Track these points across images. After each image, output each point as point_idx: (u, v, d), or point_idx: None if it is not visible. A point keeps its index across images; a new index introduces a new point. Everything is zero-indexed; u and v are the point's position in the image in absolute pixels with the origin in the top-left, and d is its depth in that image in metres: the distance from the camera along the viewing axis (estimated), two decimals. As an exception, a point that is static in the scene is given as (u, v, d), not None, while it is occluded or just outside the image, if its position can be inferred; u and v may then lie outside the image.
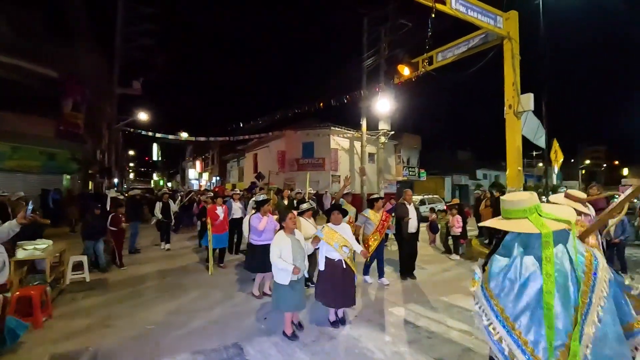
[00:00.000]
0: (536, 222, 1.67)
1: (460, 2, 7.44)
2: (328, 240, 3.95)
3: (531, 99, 8.43)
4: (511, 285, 1.61)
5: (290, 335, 3.83)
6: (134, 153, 54.41)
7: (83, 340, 3.78)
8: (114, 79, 18.41)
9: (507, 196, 1.86)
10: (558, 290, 1.53)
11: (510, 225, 1.74)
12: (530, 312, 1.55)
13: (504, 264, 1.68)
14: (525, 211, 1.73)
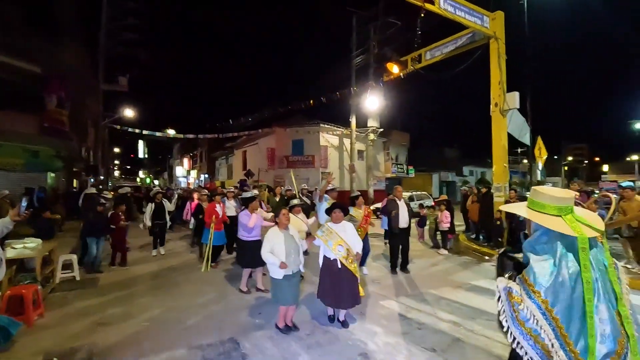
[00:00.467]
0: (571, 224, 1.61)
1: (448, 1, 7.59)
2: (324, 239, 3.95)
3: (517, 98, 8.68)
4: (560, 287, 1.54)
5: (283, 328, 3.92)
6: (120, 150, 53.35)
7: (77, 338, 3.78)
8: (99, 74, 18.08)
9: (545, 189, 1.79)
10: (598, 298, 1.52)
11: (544, 220, 1.65)
12: (579, 321, 1.51)
13: (548, 264, 1.58)
14: (561, 209, 1.66)
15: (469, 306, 4.73)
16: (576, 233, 1.57)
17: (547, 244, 1.64)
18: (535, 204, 1.74)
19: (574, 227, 1.60)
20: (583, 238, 1.56)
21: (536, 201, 1.74)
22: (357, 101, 19.58)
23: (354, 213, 6.15)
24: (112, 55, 18.33)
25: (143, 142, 43.14)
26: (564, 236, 1.61)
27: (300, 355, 3.39)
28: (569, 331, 1.51)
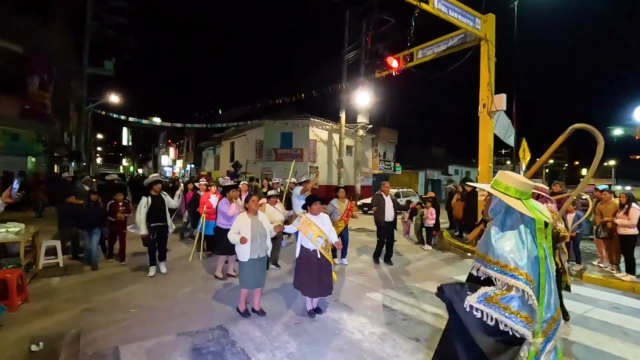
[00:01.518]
0: (529, 207, 1.83)
1: (442, 2, 7.70)
2: (303, 231, 4.06)
3: (504, 100, 8.90)
4: (534, 258, 1.77)
5: (243, 312, 4.09)
6: (103, 137, 52.06)
7: (63, 323, 3.76)
8: (84, 58, 17.55)
9: (512, 173, 1.98)
10: (548, 271, 1.78)
11: (508, 200, 1.85)
12: (536, 291, 1.75)
13: (516, 238, 1.81)
14: (522, 193, 1.87)
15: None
16: (534, 215, 1.79)
17: (515, 225, 1.86)
18: (500, 185, 1.93)
19: (532, 210, 1.82)
20: (540, 220, 1.79)
21: (501, 182, 1.92)
22: (348, 96, 19.64)
23: (337, 205, 6.47)
24: (98, 39, 17.78)
25: (127, 129, 42.06)
26: (524, 219, 1.83)
27: (288, 343, 3.46)
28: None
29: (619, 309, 4.75)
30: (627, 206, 5.83)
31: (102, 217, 6.13)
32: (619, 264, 6.21)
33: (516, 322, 1.73)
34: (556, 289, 1.86)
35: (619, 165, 49.24)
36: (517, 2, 11.08)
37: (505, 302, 1.75)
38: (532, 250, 1.79)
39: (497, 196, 1.91)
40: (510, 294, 1.75)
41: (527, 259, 1.76)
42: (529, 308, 1.74)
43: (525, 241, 1.80)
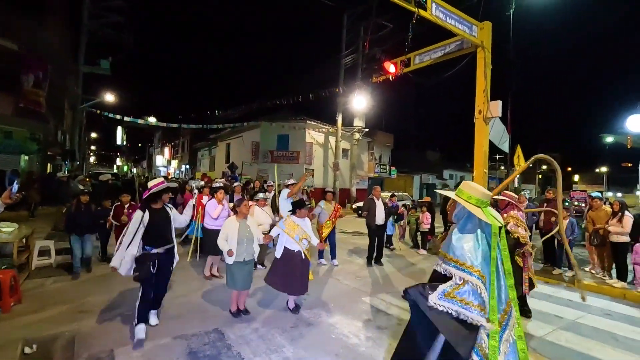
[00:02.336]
0: (487, 214, 2.10)
1: (440, 9, 7.78)
2: (289, 232, 4.20)
3: (499, 106, 8.99)
4: (485, 259, 2.06)
5: (234, 312, 4.16)
6: (97, 135, 51.55)
7: (57, 325, 3.72)
8: (80, 56, 17.43)
9: (474, 184, 2.25)
10: (498, 270, 2.06)
11: (470, 207, 2.12)
12: (488, 286, 2.03)
13: (473, 240, 2.10)
14: (481, 202, 2.14)
15: (446, 304, 4.93)
16: (491, 221, 2.06)
17: (473, 229, 2.14)
18: (464, 194, 2.19)
19: (489, 217, 2.08)
20: (495, 225, 2.06)
21: (465, 192, 2.19)
22: (344, 100, 19.72)
23: (324, 207, 6.74)
24: (95, 37, 17.67)
25: (122, 128, 41.70)
26: (481, 224, 2.12)
27: (284, 347, 3.46)
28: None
29: (610, 315, 4.82)
30: (621, 214, 5.92)
31: (94, 221, 5.63)
32: (610, 270, 6.30)
33: (471, 311, 1.98)
34: (506, 285, 2.11)
35: (611, 172, 50.05)
36: (512, 10, 11.24)
37: (461, 295, 2.01)
38: (486, 251, 2.08)
39: (461, 203, 2.18)
40: (464, 288, 2.02)
41: (481, 258, 2.04)
42: (481, 299, 2.01)
43: (481, 243, 2.09)
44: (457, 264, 2.07)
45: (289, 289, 4.26)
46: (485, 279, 2.02)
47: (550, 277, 6.57)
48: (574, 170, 64.41)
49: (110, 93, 19.21)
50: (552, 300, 5.37)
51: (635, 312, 4.99)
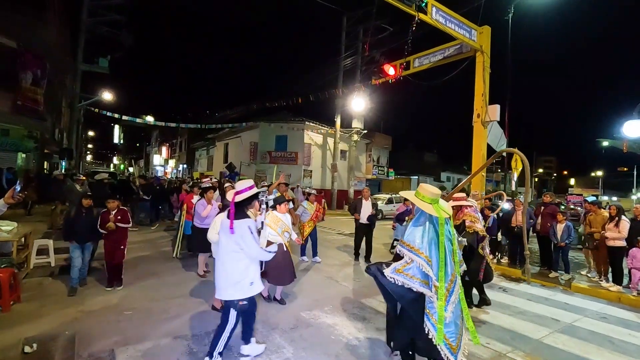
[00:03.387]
0: (437, 209, 2.61)
1: (440, 13, 7.85)
2: (272, 226, 4.48)
3: (497, 110, 9.07)
4: (430, 244, 2.58)
5: (220, 309, 4.19)
6: (94, 134, 51.37)
7: (57, 324, 3.72)
8: (79, 54, 17.34)
9: (427, 187, 2.75)
10: (445, 251, 2.56)
11: (423, 205, 2.66)
12: (435, 262, 2.56)
13: (421, 232, 2.61)
14: (433, 200, 2.66)
15: (444, 306, 4.97)
16: (437, 214, 2.58)
17: (422, 223, 2.65)
18: (419, 194, 2.72)
19: (438, 211, 2.60)
20: (441, 217, 2.58)
21: (420, 192, 2.73)
22: (343, 102, 19.76)
23: (307, 206, 7.07)
24: (94, 35, 17.59)
25: (119, 127, 41.60)
26: (431, 218, 2.62)
27: (284, 348, 3.48)
28: (433, 269, 2.56)
29: (606, 318, 4.88)
30: (618, 218, 5.98)
31: (94, 228, 4.91)
32: (607, 274, 6.36)
33: (414, 283, 2.54)
34: (452, 262, 2.63)
35: (606, 177, 50.46)
36: (511, 15, 11.33)
37: (407, 271, 2.57)
38: (433, 238, 2.58)
39: (414, 202, 2.73)
40: (409, 266, 2.57)
41: (427, 243, 2.56)
42: (424, 274, 2.54)
43: (428, 231, 2.59)
44: (409, 247, 2.60)
45: (280, 281, 4.53)
46: (430, 260, 2.53)
47: (547, 280, 6.63)
48: (570, 174, 64.91)
49: (108, 91, 19.12)
50: (549, 303, 5.43)
51: (630, 315, 5.05)
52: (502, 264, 7.58)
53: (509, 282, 6.65)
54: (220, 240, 3.06)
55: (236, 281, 2.94)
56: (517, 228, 7.25)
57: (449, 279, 2.56)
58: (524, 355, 3.63)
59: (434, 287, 2.53)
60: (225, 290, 2.97)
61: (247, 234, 2.95)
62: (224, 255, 3.02)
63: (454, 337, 2.56)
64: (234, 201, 3.01)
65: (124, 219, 5.03)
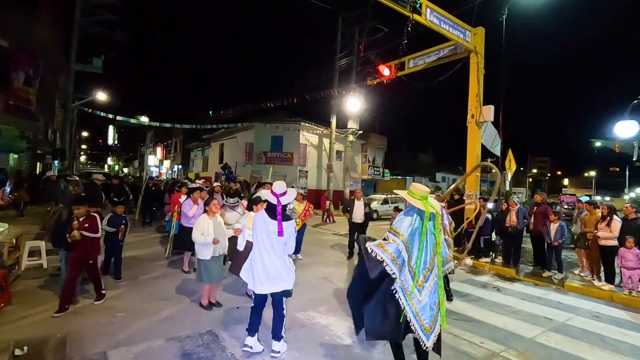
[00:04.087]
0: (424, 204, 2.91)
1: (434, 14, 7.89)
2: (250, 226, 4.43)
3: (491, 111, 9.13)
4: (413, 234, 2.88)
5: (206, 305, 4.38)
6: (88, 134, 51.00)
7: (48, 327, 3.67)
8: (72, 54, 17.19)
9: (418, 185, 3.08)
10: (427, 242, 2.90)
11: (413, 201, 2.97)
12: (416, 252, 2.86)
13: (409, 223, 2.91)
14: (422, 197, 2.96)
15: (438, 306, 4.99)
16: (425, 209, 2.89)
17: (411, 214, 2.94)
18: (411, 192, 3.03)
19: (425, 206, 2.90)
20: (427, 211, 2.89)
21: (412, 191, 3.03)
22: (339, 102, 19.77)
23: (295, 206, 7.15)
24: (87, 35, 17.44)
25: (113, 127, 41.22)
26: (420, 210, 2.92)
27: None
28: (412, 255, 2.85)
29: (599, 317, 4.92)
30: (609, 218, 6.04)
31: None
32: (599, 273, 6.42)
33: (386, 256, 2.75)
34: (431, 251, 2.92)
35: (599, 177, 50.98)
36: (505, 16, 11.41)
37: (386, 247, 2.80)
38: (417, 227, 2.90)
39: (406, 198, 3.02)
40: (389, 244, 2.82)
41: (410, 230, 2.86)
42: (399, 253, 2.78)
43: (414, 222, 2.90)
44: (394, 232, 2.90)
45: None
46: (408, 244, 2.85)
47: (540, 279, 6.68)
48: (564, 174, 65.48)
49: (102, 91, 18.97)
50: (542, 302, 5.46)
51: (622, 314, 5.10)
52: (497, 264, 7.62)
53: (503, 281, 6.69)
54: (265, 239, 3.23)
55: (287, 274, 3.27)
56: (511, 228, 7.30)
57: (427, 265, 2.89)
58: (517, 354, 3.65)
59: (409, 267, 2.84)
60: (283, 282, 3.26)
61: (293, 234, 3.33)
62: (270, 253, 3.23)
63: (428, 320, 2.82)
64: (281, 203, 3.27)
65: (92, 228, 4.22)
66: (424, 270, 2.85)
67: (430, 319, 2.81)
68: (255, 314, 3.37)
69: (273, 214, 3.26)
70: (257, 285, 3.25)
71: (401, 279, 2.81)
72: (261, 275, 3.22)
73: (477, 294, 5.79)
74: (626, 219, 6.13)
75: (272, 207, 3.30)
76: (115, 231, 5.22)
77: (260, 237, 3.27)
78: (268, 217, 3.28)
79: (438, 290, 2.90)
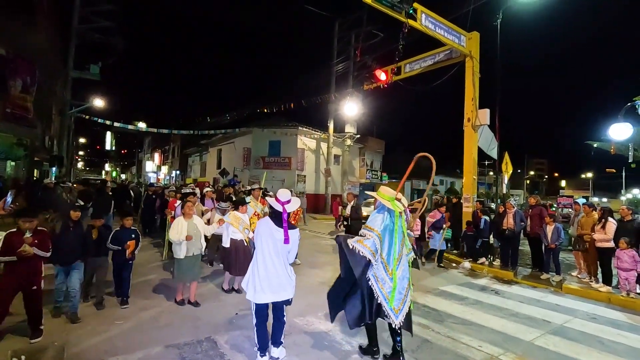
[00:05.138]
0: (393, 205, 3.37)
1: (429, 19, 7.97)
2: (234, 224, 5.11)
3: (487, 114, 9.20)
4: (385, 230, 3.32)
5: (179, 301, 4.70)
6: (85, 141, 50.89)
7: (46, 336, 3.63)
8: (70, 61, 17.22)
9: (387, 189, 3.55)
10: (398, 237, 3.36)
11: (384, 201, 3.39)
12: (388, 245, 3.32)
13: (381, 220, 3.35)
14: (390, 198, 3.40)
15: (437, 310, 5.00)
16: (394, 208, 3.36)
17: (383, 213, 3.38)
18: (381, 194, 3.47)
19: (394, 206, 3.37)
20: (396, 210, 3.36)
21: (382, 193, 3.48)
22: (336, 106, 19.85)
23: (251, 204, 7.18)
24: (85, 42, 17.48)
25: (111, 133, 41.17)
26: (390, 209, 3.37)
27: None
28: (383, 248, 3.29)
29: (596, 319, 4.94)
30: (604, 220, 6.08)
31: (83, 243, 4.17)
32: (596, 275, 6.45)
33: (366, 250, 3.19)
34: (400, 243, 3.38)
35: (596, 178, 51.21)
36: (499, 20, 11.53)
37: (365, 242, 3.23)
38: (388, 224, 3.35)
39: (378, 198, 3.47)
40: (367, 239, 3.25)
41: (382, 227, 3.30)
42: (375, 247, 3.22)
43: (385, 219, 3.34)
44: (369, 228, 3.32)
45: (243, 272, 4.73)
46: (381, 238, 3.27)
47: (538, 281, 6.70)
48: (561, 176, 65.76)
49: (99, 98, 18.95)
50: (540, 304, 5.48)
51: (619, 315, 5.12)
52: (495, 266, 7.64)
53: (502, 284, 6.71)
54: (269, 246, 3.22)
55: (288, 282, 3.28)
56: (509, 230, 7.34)
57: (396, 256, 3.34)
58: (516, 357, 3.66)
59: (381, 259, 3.27)
60: (284, 291, 3.25)
61: (297, 242, 3.41)
62: (274, 260, 3.22)
63: (397, 302, 3.28)
64: (287, 211, 3.30)
65: (42, 245, 3.61)
66: (394, 261, 3.31)
67: (398, 302, 3.28)
68: (260, 328, 3.26)
69: (279, 222, 3.24)
70: (258, 295, 3.18)
71: (374, 269, 3.26)
72: (263, 283, 3.17)
73: (475, 297, 5.80)
74: (622, 221, 6.17)
75: (278, 214, 3.28)
76: (121, 249, 4.54)
77: (266, 244, 3.22)
78: (273, 225, 3.25)
79: (407, 276, 3.41)
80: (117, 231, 4.69)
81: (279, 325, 3.33)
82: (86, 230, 4.30)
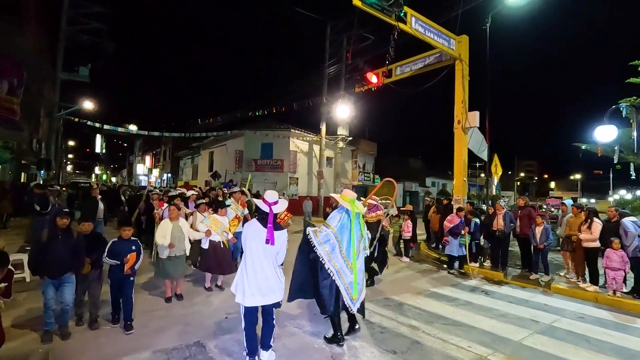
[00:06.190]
0: (352, 206, 3.83)
1: (419, 23, 8.05)
2: (213, 227, 5.39)
3: (477, 117, 9.31)
4: (342, 227, 3.79)
5: (167, 298, 4.96)
6: (74, 143, 50.10)
7: (32, 341, 3.58)
8: (58, 63, 16.98)
9: (348, 192, 4.03)
10: (355, 234, 3.80)
11: (344, 203, 3.86)
12: (347, 241, 3.76)
13: (339, 219, 3.83)
14: (351, 201, 3.86)
15: (427, 311, 5.03)
16: (352, 209, 3.82)
17: (341, 212, 3.86)
18: (343, 196, 3.92)
19: (353, 207, 3.83)
20: (354, 211, 3.82)
21: (344, 195, 3.93)
22: (328, 109, 19.90)
23: (232, 207, 7.18)
24: (74, 44, 17.26)
25: (101, 136, 40.64)
26: (348, 210, 3.83)
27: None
28: (342, 244, 3.73)
29: (584, 318, 5.01)
30: (590, 221, 6.17)
31: (74, 253, 3.71)
32: (584, 275, 6.54)
33: (315, 240, 3.71)
34: (358, 244, 3.85)
35: (585, 179, 52.08)
36: (488, 24, 11.70)
37: (318, 234, 3.75)
38: (346, 223, 3.80)
39: (339, 200, 3.94)
40: (321, 232, 3.76)
41: (339, 225, 3.77)
42: (326, 241, 3.71)
43: (342, 218, 3.81)
44: (326, 224, 3.80)
45: (221, 270, 5.49)
46: (337, 235, 3.73)
47: (527, 282, 6.77)
48: (550, 177, 66.74)
49: (89, 100, 18.73)
50: (529, 305, 5.54)
51: (606, 314, 5.20)
52: (485, 267, 7.71)
53: (491, 285, 6.77)
54: (257, 248, 3.19)
55: (278, 285, 3.25)
56: (499, 231, 7.41)
57: (355, 250, 3.76)
58: (504, 358, 3.69)
59: (341, 254, 3.70)
60: (273, 294, 3.22)
61: (285, 243, 3.39)
62: (263, 262, 3.20)
63: (357, 292, 3.74)
64: (274, 212, 3.28)
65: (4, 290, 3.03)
66: (353, 255, 3.75)
67: (358, 292, 3.76)
68: (249, 331, 3.22)
69: (265, 223, 3.23)
70: (247, 298, 3.15)
71: (334, 261, 3.67)
72: (252, 286, 3.14)
73: (465, 298, 5.85)
74: (609, 221, 6.27)
75: (265, 215, 3.27)
76: (120, 264, 3.98)
77: (254, 246, 3.19)
78: (261, 226, 3.24)
79: (363, 269, 3.97)
80: (115, 242, 4.10)
81: (269, 329, 3.31)
82: (77, 238, 3.86)
